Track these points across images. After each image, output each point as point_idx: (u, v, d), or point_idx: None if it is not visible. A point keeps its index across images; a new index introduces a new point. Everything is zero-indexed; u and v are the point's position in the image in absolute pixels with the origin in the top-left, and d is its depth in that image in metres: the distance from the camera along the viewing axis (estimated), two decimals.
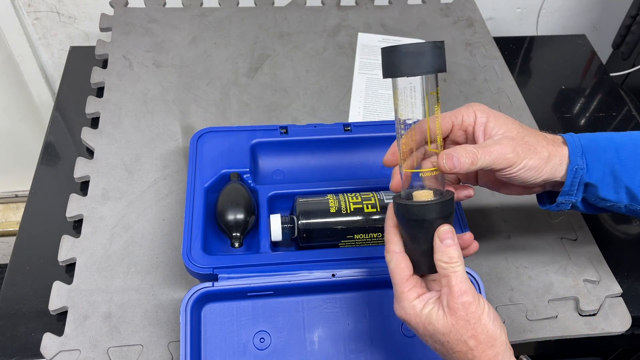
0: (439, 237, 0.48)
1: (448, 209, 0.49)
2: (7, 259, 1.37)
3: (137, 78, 0.91)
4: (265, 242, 0.65)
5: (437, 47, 0.46)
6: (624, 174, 0.55)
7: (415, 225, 0.49)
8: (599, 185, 0.56)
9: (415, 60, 0.45)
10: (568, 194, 0.57)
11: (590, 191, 0.57)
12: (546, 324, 0.67)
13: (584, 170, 0.56)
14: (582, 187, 0.57)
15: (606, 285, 0.70)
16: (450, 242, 0.48)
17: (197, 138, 0.73)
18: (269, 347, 0.61)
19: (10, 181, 1.43)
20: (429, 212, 0.48)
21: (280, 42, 1.00)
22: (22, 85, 1.20)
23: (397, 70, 0.46)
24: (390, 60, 0.46)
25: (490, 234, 0.74)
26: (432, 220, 0.48)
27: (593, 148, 0.56)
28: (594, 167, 0.56)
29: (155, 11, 1.02)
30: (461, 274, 0.47)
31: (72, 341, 0.62)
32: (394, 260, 0.50)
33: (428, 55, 0.45)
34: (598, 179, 0.56)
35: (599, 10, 1.32)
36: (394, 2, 1.08)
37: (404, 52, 0.45)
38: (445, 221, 0.49)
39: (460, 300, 0.46)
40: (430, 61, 0.46)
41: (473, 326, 0.46)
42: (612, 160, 0.56)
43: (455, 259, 0.47)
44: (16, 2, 1.07)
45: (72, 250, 0.69)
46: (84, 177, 0.77)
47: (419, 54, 0.45)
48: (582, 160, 0.56)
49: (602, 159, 0.56)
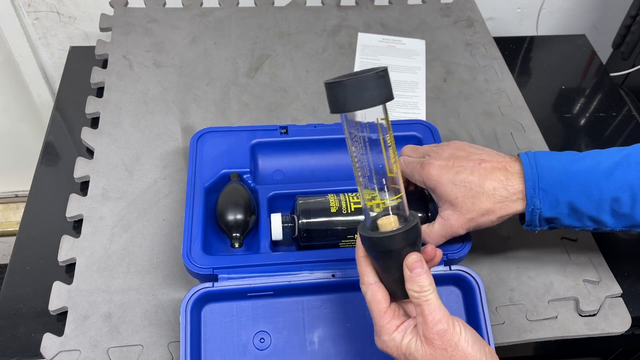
0: (408, 267, 0.47)
1: (413, 236, 0.48)
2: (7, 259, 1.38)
3: (137, 78, 0.91)
4: (265, 243, 0.65)
5: (380, 77, 0.44)
6: (585, 207, 0.56)
7: (384, 256, 0.48)
8: (561, 218, 0.57)
9: (360, 93, 0.44)
10: (531, 226, 0.59)
11: (554, 221, 0.58)
12: (546, 324, 0.67)
13: (540, 210, 0.57)
14: (543, 220, 0.58)
15: (606, 285, 0.70)
16: (420, 271, 0.47)
17: (197, 138, 0.73)
18: (269, 347, 0.61)
19: (10, 181, 1.43)
20: (395, 242, 0.47)
21: (280, 42, 1.00)
22: (22, 85, 1.20)
23: (343, 105, 0.44)
24: (334, 95, 0.44)
25: (490, 234, 0.74)
26: (399, 250, 0.47)
27: (550, 185, 0.56)
28: (551, 205, 0.57)
29: (155, 11, 1.02)
30: (433, 301, 0.47)
31: (72, 341, 0.62)
32: (370, 292, 0.50)
33: (372, 87, 0.44)
34: (557, 213, 0.57)
35: (599, 10, 1.32)
36: (394, 2, 1.08)
37: (348, 86, 0.44)
38: (413, 248, 0.48)
39: (435, 329, 0.46)
40: (375, 93, 0.44)
41: (451, 354, 0.46)
42: (571, 196, 0.56)
43: (426, 287, 0.47)
44: (16, 2, 1.07)
45: (72, 251, 0.69)
46: (84, 177, 0.77)
47: (363, 86, 0.43)
48: (539, 200, 0.57)
49: (560, 198, 0.56)
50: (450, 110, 0.90)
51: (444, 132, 0.86)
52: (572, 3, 1.28)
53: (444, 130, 0.86)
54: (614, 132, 0.93)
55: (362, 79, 0.43)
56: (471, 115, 0.90)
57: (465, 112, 0.90)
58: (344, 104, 0.44)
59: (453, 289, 0.64)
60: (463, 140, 0.85)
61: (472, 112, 0.90)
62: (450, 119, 0.89)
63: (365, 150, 0.47)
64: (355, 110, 0.45)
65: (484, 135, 0.87)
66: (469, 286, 0.62)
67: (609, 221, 0.56)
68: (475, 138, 0.86)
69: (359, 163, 0.48)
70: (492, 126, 0.88)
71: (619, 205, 0.55)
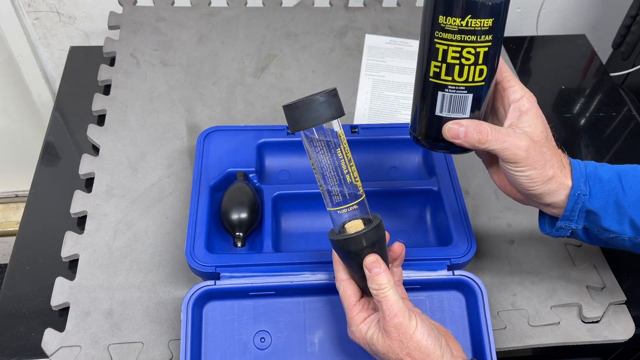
0: (367, 267, 0.51)
1: (372, 237, 0.51)
2: (7, 259, 1.38)
3: (144, 76, 0.91)
4: (268, 242, 0.65)
5: (331, 97, 0.49)
6: (627, 205, 0.54)
7: (348, 256, 0.52)
8: (602, 214, 0.55)
9: (312, 112, 0.49)
10: (568, 219, 0.57)
11: (592, 220, 0.56)
12: (548, 330, 0.66)
13: (586, 196, 0.55)
14: (583, 214, 0.56)
15: (610, 292, 0.70)
16: (378, 271, 0.51)
17: (204, 136, 0.73)
18: (269, 347, 0.61)
19: (10, 181, 1.43)
20: (354, 244, 0.51)
21: (287, 42, 1.00)
22: (22, 85, 1.21)
23: (299, 124, 0.50)
24: (290, 116, 0.50)
25: (494, 238, 0.74)
26: (359, 251, 0.51)
27: (597, 175, 0.55)
28: (597, 195, 0.55)
29: (164, 10, 1.03)
30: (391, 297, 0.50)
31: (73, 337, 0.62)
32: (342, 288, 0.54)
33: (323, 106, 0.49)
34: (600, 207, 0.55)
35: (599, 10, 1.31)
36: (402, 4, 1.08)
37: (301, 107, 0.49)
38: (372, 250, 0.52)
39: (392, 322, 0.50)
40: (327, 111, 0.49)
41: (407, 345, 0.49)
42: (616, 189, 0.55)
43: (384, 285, 0.50)
44: (16, 2, 1.08)
45: (75, 247, 0.70)
46: (89, 173, 0.77)
47: (313, 107, 0.49)
48: (586, 187, 0.55)
49: (606, 187, 0.55)
50: None
51: None
52: (572, 3, 1.27)
53: None
54: (614, 132, 0.92)
55: (310, 100, 0.49)
56: None
57: None
58: (299, 122, 0.49)
59: (456, 293, 0.64)
60: None
61: None
62: None
63: (323, 161, 0.52)
64: (309, 127, 0.50)
65: None
66: (472, 291, 0.62)
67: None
68: None
69: (319, 174, 0.53)
70: None
71: None
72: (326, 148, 0.52)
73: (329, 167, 0.52)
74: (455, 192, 0.69)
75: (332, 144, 0.52)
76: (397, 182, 0.72)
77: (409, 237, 0.71)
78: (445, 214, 0.68)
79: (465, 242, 0.65)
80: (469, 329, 0.62)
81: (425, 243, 0.71)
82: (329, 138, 0.51)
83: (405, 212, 0.73)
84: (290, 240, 0.70)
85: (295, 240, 0.70)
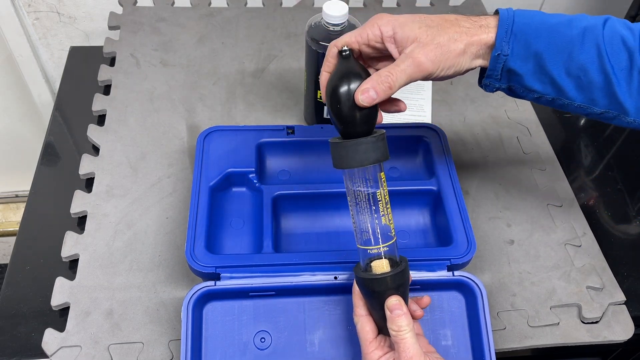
0: (388, 308, 0.52)
1: (398, 281, 0.52)
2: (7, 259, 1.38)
3: (144, 76, 0.91)
4: (268, 243, 0.65)
5: (379, 140, 0.51)
6: (550, 63, 0.53)
7: (371, 295, 0.53)
8: (524, 74, 0.55)
9: (359, 153, 0.50)
10: (492, 78, 0.57)
11: (515, 80, 0.56)
12: (548, 330, 0.67)
13: (507, 56, 0.54)
14: (505, 73, 0.55)
15: (609, 292, 0.70)
16: (399, 312, 0.51)
17: (204, 137, 0.73)
18: (269, 347, 0.61)
19: (10, 181, 1.43)
20: (380, 285, 0.52)
21: (287, 42, 1.00)
22: (22, 85, 1.20)
23: (345, 162, 0.51)
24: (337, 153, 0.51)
25: (493, 238, 0.74)
26: (383, 292, 0.52)
27: (524, 32, 0.54)
28: (519, 54, 0.54)
29: (164, 10, 1.03)
30: (409, 340, 0.51)
31: (74, 337, 0.62)
32: (360, 323, 0.55)
33: (370, 149, 0.50)
34: (521, 66, 0.54)
35: (599, 10, 1.31)
36: (402, 4, 1.08)
37: (348, 147, 0.50)
38: (396, 292, 0.52)
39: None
40: (372, 154, 0.50)
41: None
42: (542, 47, 0.53)
43: (404, 327, 0.51)
44: (16, 2, 1.07)
45: (75, 247, 0.70)
46: (89, 173, 0.77)
47: (360, 148, 0.50)
48: (507, 45, 0.54)
49: (532, 45, 0.53)
50: (456, 113, 0.90)
51: (450, 135, 0.86)
52: (572, 3, 1.27)
53: (450, 134, 0.86)
54: (613, 132, 0.92)
55: (359, 142, 0.50)
56: (477, 118, 0.90)
57: (471, 115, 0.90)
58: (344, 161, 0.51)
59: (455, 294, 0.64)
60: (468, 142, 0.85)
61: (478, 116, 0.90)
62: (455, 122, 0.89)
63: (361, 200, 0.53)
64: (354, 167, 0.51)
65: (490, 139, 0.86)
66: (472, 292, 0.62)
67: (571, 89, 0.54)
68: (480, 142, 0.86)
69: (355, 211, 0.53)
70: (498, 130, 0.88)
71: (586, 73, 0.53)
72: (366, 188, 0.52)
73: (366, 206, 0.53)
74: (455, 193, 0.69)
75: (373, 184, 0.52)
76: (397, 183, 0.72)
77: (408, 237, 0.72)
78: (445, 215, 0.68)
79: (465, 242, 0.65)
80: (468, 329, 0.63)
81: (425, 243, 0.71)
82: (370, 178, 0.52)
83: (405, 212, 0.73)
84: (290, 240, 0.70)
85: (295, 241, 0.70)
